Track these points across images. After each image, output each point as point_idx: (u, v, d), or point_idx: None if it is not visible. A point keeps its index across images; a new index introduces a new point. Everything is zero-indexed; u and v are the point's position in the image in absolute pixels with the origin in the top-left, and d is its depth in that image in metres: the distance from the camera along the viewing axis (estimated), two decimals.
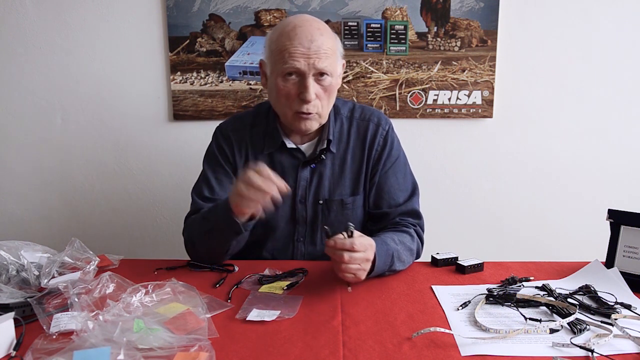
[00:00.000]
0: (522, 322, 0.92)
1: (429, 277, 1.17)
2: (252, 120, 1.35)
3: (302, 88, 1.18)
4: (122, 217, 1.99)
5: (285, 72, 1.18)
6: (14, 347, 0.81)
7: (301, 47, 1.15)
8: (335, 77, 1.24)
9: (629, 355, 0.81)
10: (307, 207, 1.31)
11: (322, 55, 1.17)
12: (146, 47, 1.86)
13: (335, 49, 1.23)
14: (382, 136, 1.33)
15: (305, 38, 1.16)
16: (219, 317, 0.95)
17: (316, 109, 1.22)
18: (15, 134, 1.93)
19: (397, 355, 0.82)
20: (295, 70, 1.17)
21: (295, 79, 1.19)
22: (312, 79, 1.18)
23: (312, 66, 1.17)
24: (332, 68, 1.21)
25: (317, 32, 1.18)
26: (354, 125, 1.33)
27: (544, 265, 1.23)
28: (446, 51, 1.85)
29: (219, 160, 1.33)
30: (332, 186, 1.32)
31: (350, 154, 1.32)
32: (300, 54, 1.16)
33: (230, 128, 1.35)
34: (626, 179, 1.96)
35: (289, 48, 1.16)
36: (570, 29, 1.85)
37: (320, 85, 1.20)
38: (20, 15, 1.84)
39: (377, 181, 1.32)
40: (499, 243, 2.01)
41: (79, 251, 1.12)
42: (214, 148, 1.36)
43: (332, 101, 1.27)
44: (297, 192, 1.30)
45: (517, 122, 1.92)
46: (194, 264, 1.22)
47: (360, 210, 1.34)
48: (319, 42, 1.17)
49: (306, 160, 1.31)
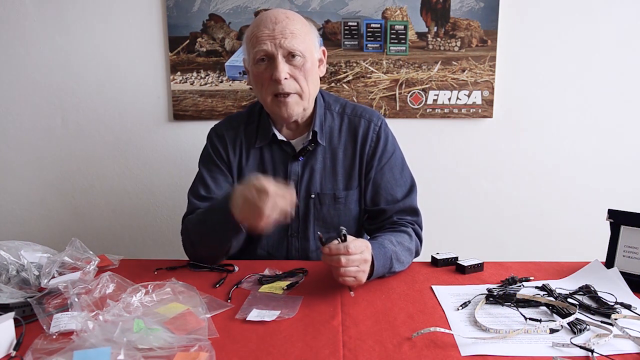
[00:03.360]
0: (522, 322, 0.92)
1: (429, 277, 1.17)
2: (246, 119, 1.37)
3: (272, 70, 1.20)
4: (122, 217, 1.99)
5: (256, 57, 1.21)
6: (14, 347, 0.81)
7: (266, 30, 1.19)
8: (310, 59, 1.24)
9: (629, 355, 0.81)
10: (299, 201, 1.32)
11: (287, 35, 1.19)
12: (146, 47, 1.86)
13: (306, 32, 1.24)
14: (375, 132, 1.33)
15: (270, 21, 1.20)
16: (219, 317, 0.95)
17: (293, 89, 1.22)
18: (15, 134, 1.93)
19: (397, 355, 0.82)
20: (264, 53, 1.20)
21: (266, 64, 1.21)
22: (282, 59, 1.20)
23: (279, 46, 1.19)
24: (303, 48, 1.21)
25: (282, 15, 1.22)
26: (345, 121, 1.34)
27: (544, 265, 1.23)
28: (446, 51, 1.85)
29: (214, 160, 1.34)
30: (324, 180, 1.32)
31: (342, 149, 1.33)
32: (266, 36, 1.19)
33: (224, 128, 1.37)
34: (626, 179, 1.96)
35: (256, 33, 1.20)
36: (571, 28, 1.85)
37: (292, 65, 1.21)
38: (20, 15, 1.84)
39: (373, 177, 1.32)
40: (499, 243, 2.01)
41: (79, 251, 1.12)
42: (208, 149, 1.37)
43: (314, 84, 1.27)
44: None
45: (517, 122, 1.92)
46: (194, 264, 1.22)
47: (355, 206, 1.34)
48: (283, 24, 1.20)
49: (295, 154, 1.32)
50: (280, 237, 1.34)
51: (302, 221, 1.34)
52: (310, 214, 1.33)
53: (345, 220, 1.33)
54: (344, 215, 1.34)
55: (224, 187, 1.31)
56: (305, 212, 1.33)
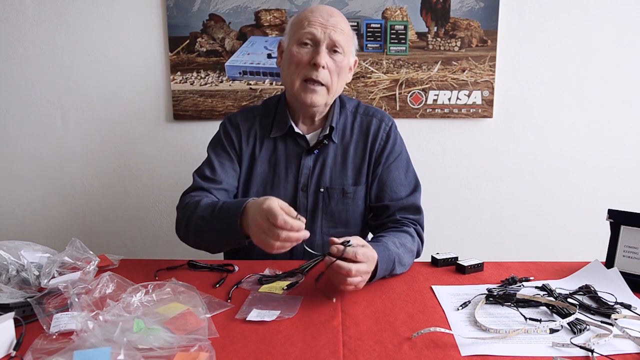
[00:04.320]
0: (522, 322, 0.92)
1: (429, 277, 1.17)
2: (261, 111, 1.40)
3: (314, 54, 1.24)
4: (122, 217, 1.99)
5: (302, 38, 1.25)
6: (14, 347, 0.81)
7: (320, 18, 1.25)
8: (347, 60, 1.29)
9: (629, 355, 0.81)
10: (308, 195, 1.34)
11: (338, 30, 1.25)
12: (146, 47, 1.86)
13: (350, 36, 1.31)
14: (385, 131, 1.37)
15: (325, 12, 1.26)
16: (219, 317, 0.95)
17: (325, 80, 1.26)
18: (15, 134, 1.93)
19: (397, 355, 0.82)
20: (312, 36, 1.24)
21: (309, 49, 1.25)
22: (325, 49, 1.24)
23: (328, 36, 1.24)
24: (346, 47, 1.27)
25: (337, 12, 1.29)
26: (358, 119, 1.38)
27: (544, 265, 1.23)
28: (446, 51, 1.85)
29: (225, 147, 1.36)
30: (334, 175, 1.35)
31: (353, 146, 1.36)
32: (319, 24, 1.24)
33: (239, 118, 1.39)
34: (626, 178, 1.96)
35: (309, 17, 1.25)
36: (571, 28, 1.85)
37: (331, 58, 1.26)
38: (20, 15, 1.84)
39: (379, 174, 1.35)
40: (499, 243, 2.01)
41: (79, 251, 1.12)
42: (220, 134, 1.39)
43: (341, 83, 1.31)
44: (299, 180, 1.34)
45: (517, 122, 1.92)
46: (194, 264, 1.22)
47: (362, 202, 1.36)
48: (337, 19, 1.26)
49: (309, 148, 1.34)
50: None
51: (310, 215, 1.35)
52: (318, 208, 1.35)
53: (352, 216, 1.36)
54: (352, 210, 1.36)
55: (229, 174, 1.33)
56: (313, 206, 1.35)
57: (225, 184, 1.32)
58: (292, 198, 1.34)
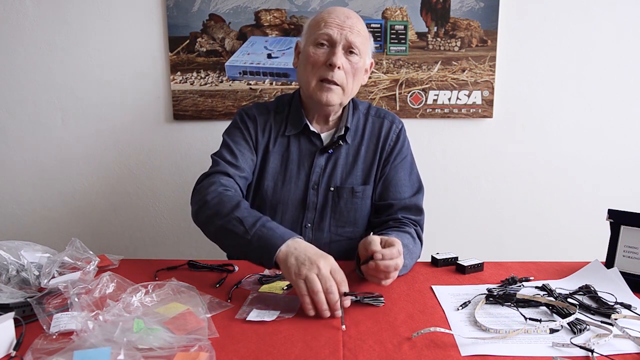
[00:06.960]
0: (522, 322, 0.92)
1: (429, 277, 1.17)
2: (275, 107, 1.41)
3: (330, 55, 1.25)
4: (122, 217, 1.99)
5: (318, 39, 1.26)
6: (14, 347, 0.81)
7: (337, 19, 1.26)
8: (362, 62, 1.30)
9: (629, 355, 0.81)
10: (318, 193, 1.35)
11: (354, 32, 1.26)
12: (146, 47, 1.86)
13: (367, 38, 1.32)
14: (395, 133, 1.40)
15: (343, 14, 1.27)
16: (219, 317, 0.95)
17: (340, 80, 1.27)
18: (15, 134, 1.93)
19: (397, 355, 0.82)
20: (328, 37, 1.25)
21: (326, 49, 1.26)
22: (341, 50, 1.25)
23: (344, 37, 1.25)
24: (362, 49, 1.28)
25: (353, 14, 1.29)
26: (370, 120, 1.40)
27: (544, 265, 1.23)
28: (446, 51, 1.85)
29: (243, 134, 1.36)
30: (345, 174, 1.36)
31: (364, 146, 1.37)
32: (336, 25, 1.25)
33: (255, 111, 1.40)
34: (626, 178, 1.96)
35: (326, 18, 1.26)
36: (571, 28, 1.85)
37: (347, 59, 1.27)
38: (20, 15, 1.84)
39: (386, 173, 1.37)
40: (499, 243, 2.01)
41: (79, 251, 1.12)
42: (237, 122, 1.38)
43: (356, 84, 1.33)
44: (310, 178, 1.35)
45: (517, 122, 1.93)
46: (194, 264, 1.22)
47: (369, 201, 1.38)
48: (354, 21, 1.27)
49: (323, 147, 1.35)
50: (293, 227, 1.34)
51: (319, 213, 1.36)
52: (327, 206, 1.36)
53: (359, 215, 1.37)
54: (360, 210, 1.37)
55: (248, 163, 1.33)
56: (323, 204, 1.36)
57: (246, 173, 1.32)
58: (302, 195, 1.35)
